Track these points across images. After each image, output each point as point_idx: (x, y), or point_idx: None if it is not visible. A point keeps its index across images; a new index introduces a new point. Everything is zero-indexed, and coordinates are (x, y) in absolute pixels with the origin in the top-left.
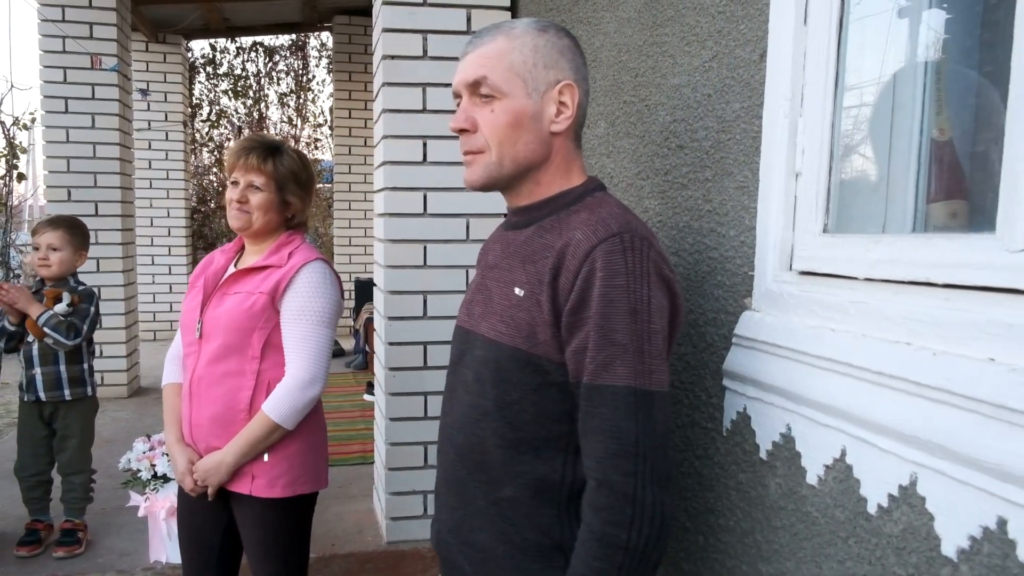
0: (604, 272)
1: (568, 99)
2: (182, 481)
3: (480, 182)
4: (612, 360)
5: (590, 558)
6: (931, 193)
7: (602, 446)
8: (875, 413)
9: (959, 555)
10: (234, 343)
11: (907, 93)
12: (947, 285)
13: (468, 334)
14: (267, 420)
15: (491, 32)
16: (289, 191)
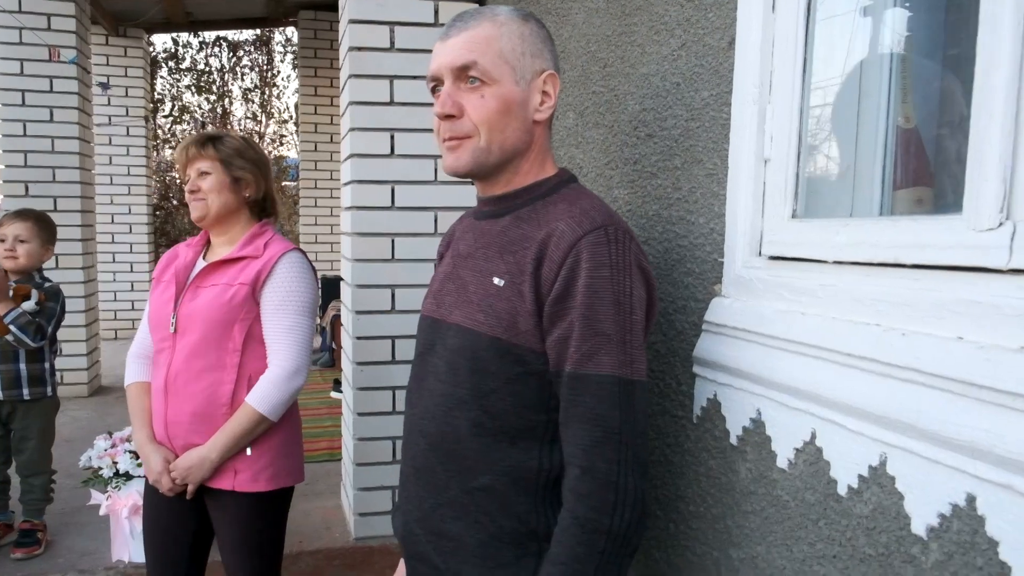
0: (590, 263)
1: (551, 89)
2: (157, 482)
3: (466, 168)
4: (597, 350)
5: (573, 543)
6: (897, 180)
7: (586, 434)
8: (844, 395)
9: (928, 533)
10: (214, 336)
11: (873, 80)
12: (916, 266)
13: (438, 323)
14: (253, 412)
15: (475, 17)
16: (236, 167)
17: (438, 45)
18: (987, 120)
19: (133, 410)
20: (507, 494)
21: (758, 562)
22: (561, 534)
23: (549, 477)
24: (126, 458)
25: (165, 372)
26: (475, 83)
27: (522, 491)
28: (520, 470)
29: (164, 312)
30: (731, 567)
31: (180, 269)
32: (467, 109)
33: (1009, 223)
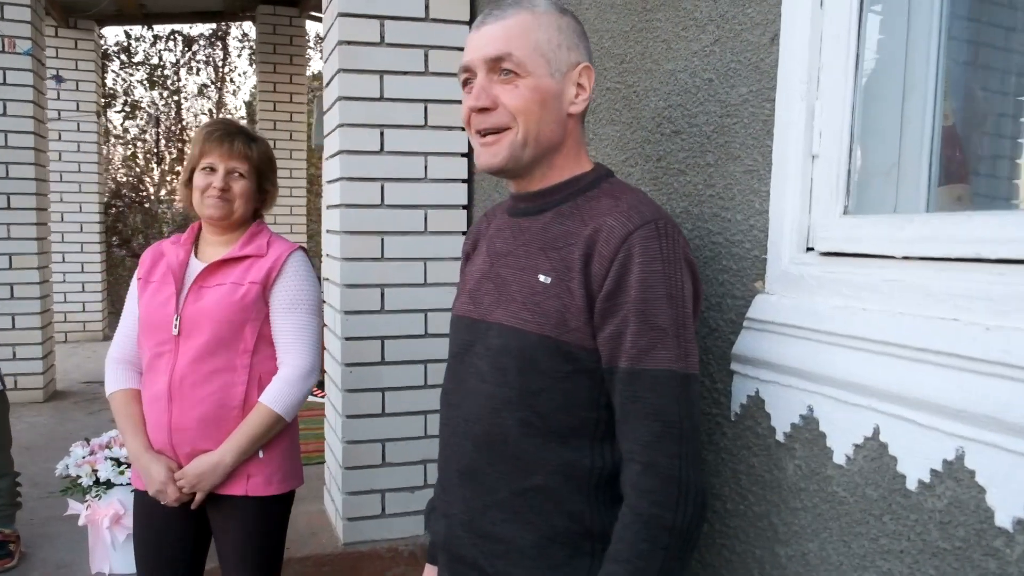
0: (642, 258)
1: (586, 81)
2: (161, 492)
3: (502, 163)
4: (654, 344)
5: (636, 540)
6: (940, 177)
7: (647, 429)
8: (915, 389)
9: (1015, 525)
10: (225, 337)
11: (919, 76)
12: (1000, 260)
13: (476, 323)
14: (270, 413)
15: (513, 6)
16: (267, 179)
17: (472, 35)
18: None
19: (123, 419)
20: (560, 493)
21: (810, 559)
22: (623, 531)
23: (602, 475)
24: (107, 466)
25: (168, 377)
26: (508, 75)
27: (575, 490)
28: (572, 468)
29: (163, 314)
30: (777, 564)
31: (175, 268)
32: (502, 100)
33: None
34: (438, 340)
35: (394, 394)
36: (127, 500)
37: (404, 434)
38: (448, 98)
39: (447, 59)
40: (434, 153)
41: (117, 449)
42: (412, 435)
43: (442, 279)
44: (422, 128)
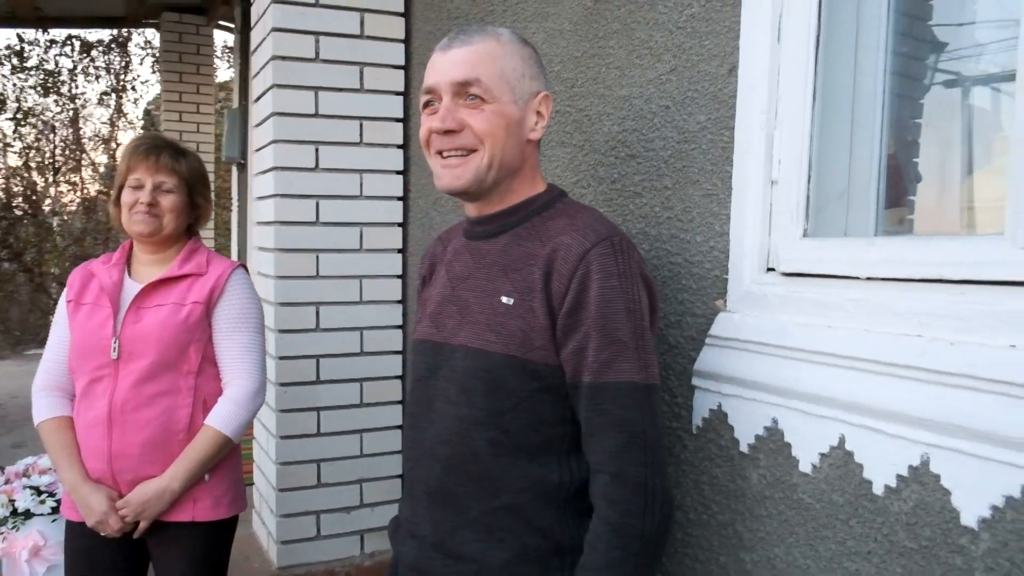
0: (600, 274)
1: (544, 109)
2: (101, 524)
3: (465, 185)
4: (615, 357)
5: (608, 549)
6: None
7: (613, 440)
8: (883, 401)
9: (980, 524)
10: (168, 359)
11: (867, 110)
12: (962, 281)
13: (440, 347)
14: (218, 435)
15: (479, 33)
16: (198, 193)
17: (438, 57)
18: None
19: (56, 448)
20: (530, 510)
21: (776, 563)
22: (595, 541)
23: (571, 489)
24: (25, 495)
25: (107, 402)
26: (474, 100)
27: (545, 505)
28: (542, 484)
29: (99, 337)
30: (742, 570)
31: (110, 289)
32: (469, 123)
33: None
34: (374, 358)
35: (330, 413)
36: (48, 531)
37: (340, 454)
38: (384, 115)
39: (382, 76)
40: (370, 171)
41: (36, 477)
42: (348, 455)
43: (378, 297)
44: (357, 145)
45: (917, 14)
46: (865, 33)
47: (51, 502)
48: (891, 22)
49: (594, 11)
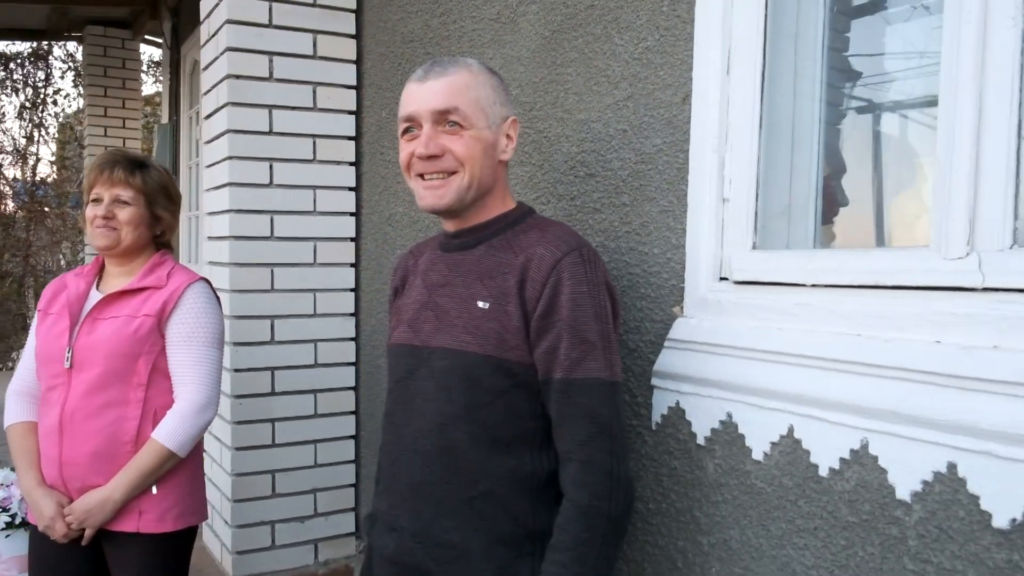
0: (571, 281)
1: (513, 132)
2: (50, 528)
3: (448, 204)
4: (584, 356)
5: (578, 530)
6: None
7: (583, 430)
8: (825, 392)
9: (912, 497)
10: (117, 370)
11: (805, 134)
12: (895, 287)
13: (418, 349)
14: (161, 449)
15: (453, 64)
16: (159, 205)
17: (414, 87)
18: (953, 172)
19: (17, 452)
20: (506, 498)
21: (731, 544)
22: (565, 523)
23: (542, 478)
24: (16, 504)
25: (59, 410)
26: (454, 126)
27: (519, 493)
28: (516, 474)
29: (56, 346)
30: (700, 552)
31: (73, 300)
32: (449, 148)
33: (975, 253)
34: (328, 370)
35: (284, 424)
36: (1, 546)
37: (294, 464)
38: (336, 134)
39: (335, 96)
40: (323, 187)
41: None
42: (302, 464)
43: (331, 310)
44: (311, 162)
45: (842, 48)
46: (802, 67)
47: (5, 517)
48: (824, 57)
49: (552, 40)
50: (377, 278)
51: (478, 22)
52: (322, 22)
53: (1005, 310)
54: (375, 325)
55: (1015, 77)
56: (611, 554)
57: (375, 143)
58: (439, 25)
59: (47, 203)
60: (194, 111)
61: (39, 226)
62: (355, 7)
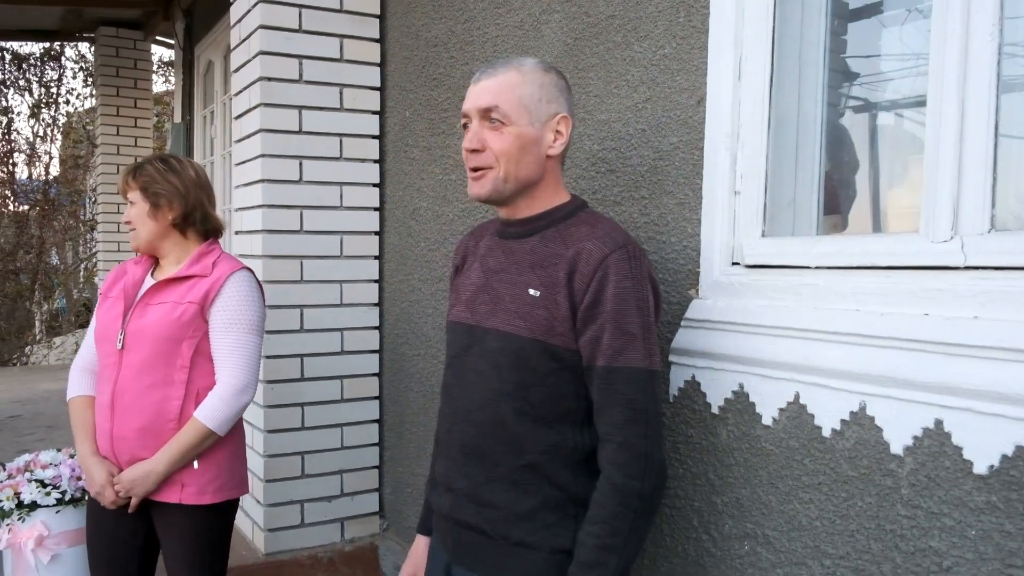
0: (616, 277)
1: (563, 129)
2: (100, 494)
3: (486, 195)
4: (626, 347)
5: (612, 505)
6: (823, 209)
7: (621, 415)
8: (827, 362)
9: (904, 451)
10: (162, 353)
11: (808, 134)
12: (888, 267)
13: (473, 329)
14: (201, 427)
15: (503, 66)
16: (153, 192)
17: (471, 87)
18: (939, 166)
19: (76, 423)
20: (550, 468)
21: (743, 502)
22: (601, 498)
23: (583, 452)
24: (31, 487)
25: (111, 388)
26: (496, 123)
27: (561, 465)
28: (559, 448)
29: (112, 328)
30: (714, 511)
31: (129, 286)
32: (489, 144)
33: (958, 237)
34: (353, 357)
35: (313, 408)
36: (52, 521)
37: (322, 446)
38: (361, 132)
39: (360, 97)
40: (349, 183)
41: (39, 471)
42: (330, 447)
43: (357, 300)
44: (338, 160)
45: (842, 52)
46: (806, 72)
47: (56, 494)
48: (826, 62)
49: (574, 47)
50: (400, 270)
51: (502, 28)
52: (348, 27)
53: (984, 285)
54: (398, 315)
55: (992, 84)
56: (642, 528)
57: (398, 141)
58: (463, 31)
59: (59, 201)
60: (208, 111)
61: (51, 224)
62: (380, 12)
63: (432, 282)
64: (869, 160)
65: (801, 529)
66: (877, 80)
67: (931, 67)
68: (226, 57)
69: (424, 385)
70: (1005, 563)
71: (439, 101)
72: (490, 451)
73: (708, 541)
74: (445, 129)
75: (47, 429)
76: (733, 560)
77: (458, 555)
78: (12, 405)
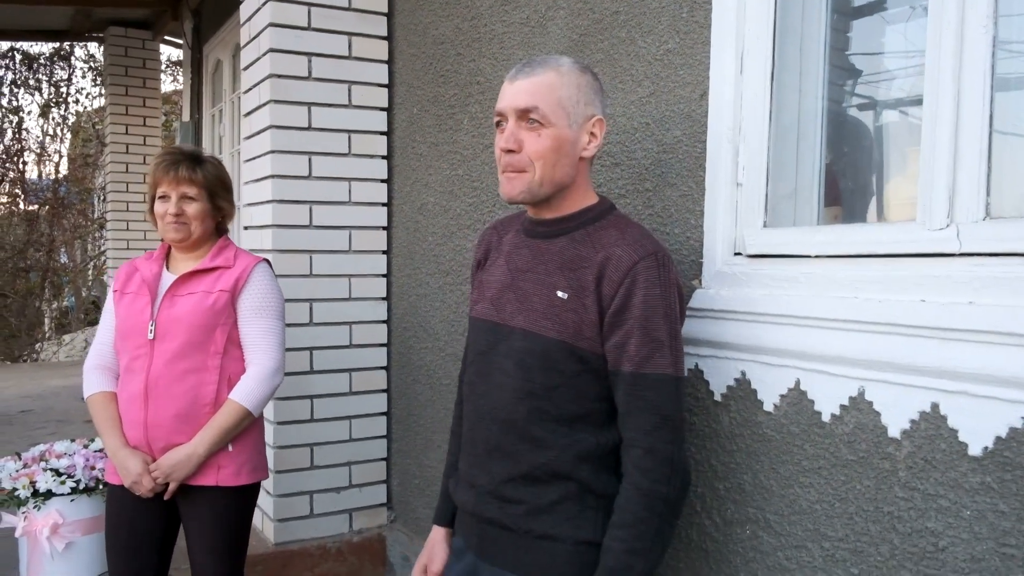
0: (645, 284)
1: (597, 131)
2: (136, 484)
3: (519, 196)
4: (653, 353)
5: (637, 509)
6: (823, 201)
7: (648, 421)
8: (827, 348)
9: (902, 434)
10: (197, 340)
11: (809, 128)
12: (885, 255)
13: (499, 327)
14: (239, 408)
15: (541, 65)
16: (219, 196)
17: (506, 85)
18: (936, 156)
19: (101, 418)
20: (571, 464)
21: (745, 487)
22: (626, 503)
23: (604, 451)
24: (47, 477)
25: (144, 378)
26: (534, 124)
27: (582, 463)
28: (580, 446)
29: (140, 320)
30: (716, 496)
31: (149, 280)
32: (525, 145)
33: (954, 224)
34: (362, 350)
35: (321, 401)
36: (66, 510)
37: (331, 438)
38: (369, 129)
39: (368, 94)
40: (357, 179)
41: (54, 461)
42: (338, 439)
43: (365, 294)
44: (346, 156)
45: (843, 47)
46: (807, 66)
47: (70, 483)
48: (827, 57)
49: (579, 43)
50: (408, 264)
51: (508, 25)
52: (357, 25)
53: (978, 272)
54: (406, 309)
55: (986, 75)
56: (667, 533)
57: (406, 138)
58: (470, 28)
59: (68, 200)
60: (217, 109)
61: (60, 222)
62: (387, 11)
63: (439, 276)
64: (870, 152)
65: (801, 513)
66: (879, 75)
67: (927, 58)
68: (234, 56)
69: (431, 378)
70: (999, 542)
71: (446, 97)
72: (512, 449)
73: (711, 526)
74: (452, 125)
75: (57, 423)
76: (735, 544)
77: (483, 551)
78: (23, 400)
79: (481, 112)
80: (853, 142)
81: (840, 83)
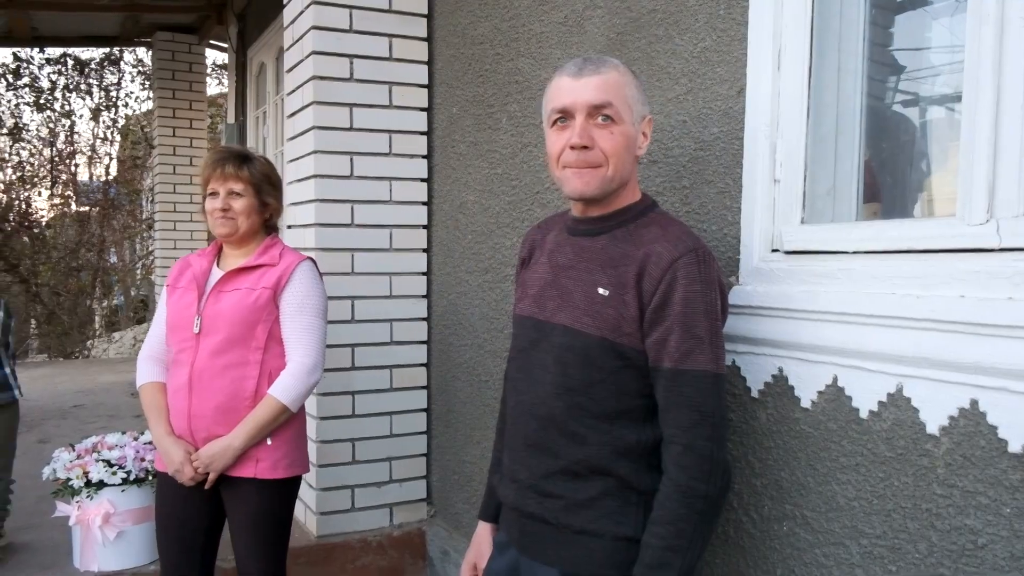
0: (685, 280)
1: (647, 130)
2: (179, 471)
3: (594, 192)
4: (693, 350)
5: (676, 506)
6: (862, 197)
7: (687, 417)
8: (865, 344)
9: (940, 431)
10: (238, 336)
11: (847, 124)
12: (924, 251)
13: (542, 324)
14: (277, 404)
15: (605, 64)
16: (266, 192)
17: (568, 81)
18: (975, 152)
19: (149, 407)
20: (611, 460)
21: (782, 484)
22: (665, 500)
23: (644, 447)
24: (99, 467)
25: (189, 370)
26: (606, 121)
27: (622, 459)
28: (620, 442)
29: (186, 315)
30: (754, 493)
31: (198, 276)
32: (598, 141)
33: (993, 220)
34: (402, 347)
35: (363, 397)
36: (118, 500)
37: (372, 434)
38: (410, 129)
39: (408, 94)
40: (398, 178)
41: (106, 452)
42: (379, 434)
43: (406, 292)
44: (387, 155)
45: (883, 42)
46: (845, 63)
47: (122, 474)
48: (866, 52)
49: (617, 41)
50: (448, 262)
51: (546, 25)
52: (397, 27)
53: (1018, 267)
54: (446, 306)
55: None
56: (707, 530)
57: (446, 137)
58: (508, 28)
59: (118, 201)
60: (261, 111)
61: (110, 223)
62: (427, 12)
63: (479, 274)
64: (910, 149)
65: (839, 509)
66: (922, 71)
67: (967, 51)
68: (278, 59)
69: (471, 375)
70: None
71: (485, 97)
72: (552, 444)
73: (748, 522)
74: (491, 124)
75: (108, 418)
76: (772, 541)
77: (524, 545)
78: (76, 395)
79: (520, 111)
80: (893, 138)
81: (880, 79)
